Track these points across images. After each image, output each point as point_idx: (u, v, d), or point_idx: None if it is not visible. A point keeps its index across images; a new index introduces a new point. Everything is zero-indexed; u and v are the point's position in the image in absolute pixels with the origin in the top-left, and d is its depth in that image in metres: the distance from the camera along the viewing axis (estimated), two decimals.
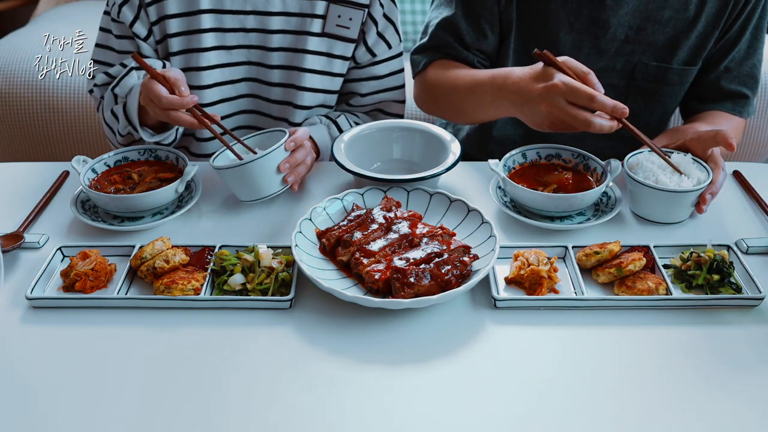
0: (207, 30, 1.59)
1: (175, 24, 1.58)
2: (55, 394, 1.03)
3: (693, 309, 1.17)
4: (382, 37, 1.66)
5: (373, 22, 1.64)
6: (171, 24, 1.58)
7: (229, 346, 1.11)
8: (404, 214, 1.30)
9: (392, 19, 1.67)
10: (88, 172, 1.41)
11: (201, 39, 1.59)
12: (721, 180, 1.36)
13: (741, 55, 1.63)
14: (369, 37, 1.65)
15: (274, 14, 1.60)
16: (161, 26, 1.59)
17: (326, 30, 1.62)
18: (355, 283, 1.21)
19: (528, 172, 1.45)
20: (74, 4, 3.17)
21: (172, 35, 1.59)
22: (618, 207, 1.37)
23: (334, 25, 1.62)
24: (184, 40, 1.59)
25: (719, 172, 1.36)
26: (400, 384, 1.05)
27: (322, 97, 1.68)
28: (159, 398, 1.02)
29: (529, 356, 1.09)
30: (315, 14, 1.61)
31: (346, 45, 1.64)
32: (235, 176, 1.37)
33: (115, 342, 1.12)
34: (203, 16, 1.58)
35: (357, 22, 1.62)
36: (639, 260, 1.20)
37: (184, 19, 1.58)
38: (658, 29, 1.58)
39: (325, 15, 1.61)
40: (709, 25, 1.59)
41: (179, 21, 1.58)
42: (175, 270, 1.21)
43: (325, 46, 1.64)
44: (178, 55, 1.60)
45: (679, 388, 1.04)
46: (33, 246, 1.31)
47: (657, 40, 1.59)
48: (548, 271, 1.19)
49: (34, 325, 1.15)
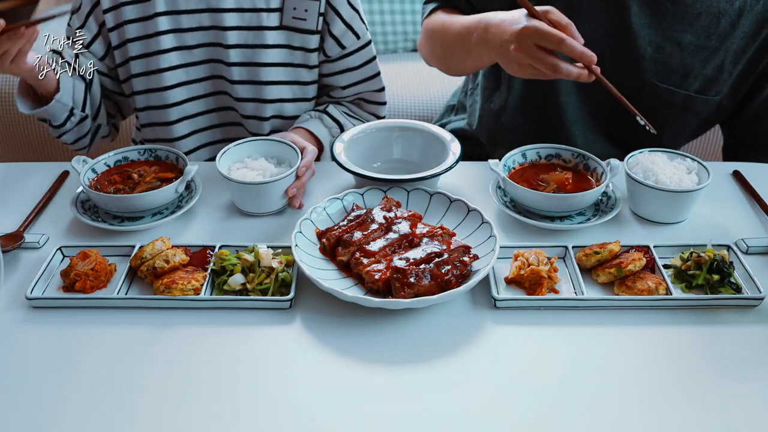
0: (165, 32, 1.60)
1: (132, 29, 1.60)
2: (55, 395, 1.03)
3: (693, 309, 1.17)
4: (349, 27, 1.66)
5: (335, 12, 1.64)
6: (129, 29, 1.60)
7: (229, 346, 1.12)
8: (404, 214, 1.31)
9: (356, 8, 1.67)
10: (88, 172, 1.41)
11: (159, 41, 1.61)
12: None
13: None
14: (335, 29, 1.65)
15: (227, 11, 1.61)
16: (119, 32, 1.61)
17: (284, 23, 1.63)
18: (355, 283, 1.22)
19: (528, 172, 1.45)
20: None
21: (131, 40, 1.61)
22: (618, 207, 1.38)
23: (291, 17, 1.63)
24: (142, 44, 1.61)
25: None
26: (400, 384, 1.05)
27: (289, 89, 1.68)
28: (159, 398, 1.03)
29: (529, 356, 1.10)
30: (270, 8, 1.62)
31: (305, 36, 1.64)
32: (242, 191, 1.38)
33: (115, 342, 1.12)
34: (159, 19, 1.60)
35: (313, 13, 1.62)
36: (639, 260, 1.21)
37: (141, 24, 1.60)
38: (675, 51, 1.56)
39: (281, 8, 1.62)
40: (728, 60, 1.57)
41: (137, 26, 1.60)
42: (175, 270, 1.21)
43: (284, 39, 1.64)
44: (138, 59, 1.62)
45: (680, 388, 1.04)
46: (33, 246, 1.31)
47: (672, 62, 1.57)
48: (548, 271, 1.20)
49: (34, 325, 1.15)
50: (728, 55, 1.57)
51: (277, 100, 1.68)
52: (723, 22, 1.53)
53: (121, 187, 1.40)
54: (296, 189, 1.40)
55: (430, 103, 2.69)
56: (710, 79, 1.59)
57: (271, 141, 1.47)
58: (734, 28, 1.54)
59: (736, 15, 1.53)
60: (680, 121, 1.64)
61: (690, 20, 1.53)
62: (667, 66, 1.58)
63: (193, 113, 1.69)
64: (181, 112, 1.68)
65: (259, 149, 1.46)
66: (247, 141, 1.46)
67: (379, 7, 2.82)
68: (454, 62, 1.66)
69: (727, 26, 1.54)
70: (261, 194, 1.38)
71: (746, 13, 1.53)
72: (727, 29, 1.54)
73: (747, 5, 1.53)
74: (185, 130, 1.70)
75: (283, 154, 1.45)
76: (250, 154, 1.45)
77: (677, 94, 1.60)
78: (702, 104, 1.63)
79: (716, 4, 1.52)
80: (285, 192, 1.39)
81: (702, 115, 1.66)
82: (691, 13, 1.52)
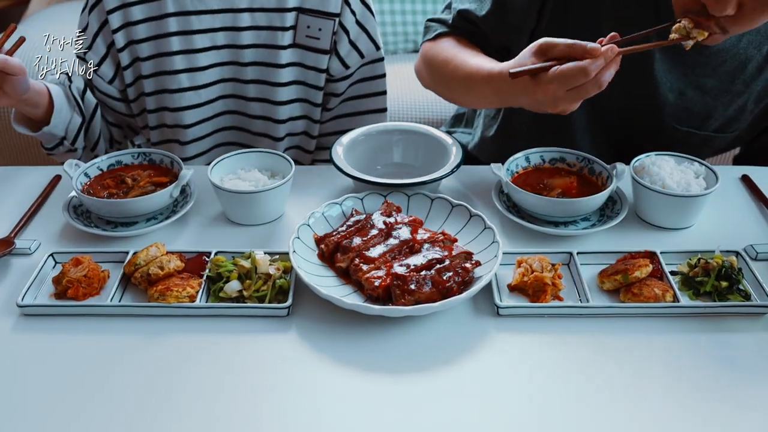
0: (176, 53, 1.61)
1: (144, 48, 1.61)
2: (47, 404, 1.03)
3: (701, 317, 1.17)
4: (354, 46, 1.66)
5: (344, 31, 1.64)
6: (140, 49, 1.61)
7: (226, 354, 1.12)
8: (405, 219, 1.31)
9: (366, 27, 1.66)
10: (81, 177, 1.41)
11: (172, 61, 1.62)
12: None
13: None
14: (341, 48, 1.66)
15: (243, 29, 1.62)
16: (130, 51, 1.62)
17: (297, 41, 1.64)
18: (354, 290, 1.22)
19: (531, 177, 1.45)
20: (66, 4, 3.17)
21: (144, 59, 1.62)
22: (624, 212, 1.38)
23: (304, 36, 1.63)
24: (153, 63, 1.62)
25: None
26: (400, 393, 1.05)
27: (299, 107, 1.70)
28: (153, 408, 1.03)
29: (533, 365, 1.10)
30: (284, 27, 1.62)
31: (318, 56, 1.65)
32: (233, 201, 1.38)
33: (109, 350, 1.12)
34: (172, 39, 1.61)
35: (327, 32, 1.63)
36: (645, 267, 1.21)
37: (153, 43, 1.61)
38: (697, 96, 1.55)
39: (295, 26, 1.62)
40: (752, 100, 1.57)
41: (148, 45, 1.61)
42: (169, 277, 1.21)
43: (297, 57, 1.65)
44: (150, 77, 1.63)
45: (687, 397, 1.04)
46: (24, 252, 1.32)
47: (694, 107, 1.56)
48: (552, 278, 1.20)
49: (25, 333, 1.15)
50: (752, 96, 1.57)
51: (286, 119, 1.70)
52: (750, 68, 1.52)
53: (115, 192, 1.40)
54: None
55: (430, 106, 2.70)
56: (731, 119, 1.59)
57: (264, 153, 1.47)
58: (761, 72, 1.53)
59: (763, 60, 1.51)
60: (695, 154, 1.65)
61: (714, 66, 1.51)
62: (688, 110, 1.57)
63: (202, 134, 1.72)
64: (194, 134, 1.70)
65: (253, 161, 1.46)
66: (239, 153, 1.46)
67: (379, 8, 2.83)
68: (458, 100, 1.64)
69: (753, 71, 1.52)
70: (252, 205, 1.37)
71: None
72: (754, 74, 1.53)
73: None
74: (197, 150, 1.73)
75: (276, 166, 1.45)
76: (243, 166, 1.45)
77: (696, 135, 1.60)
78: (720, 141, 1.64)
79: (744, 51, 1.50)
80: (279, 202, 1.39)
81: (718, 149, 1.68)
82: (716, 61, 1.51)
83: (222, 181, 1.39)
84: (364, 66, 1.71)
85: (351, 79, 1.72)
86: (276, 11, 1.61)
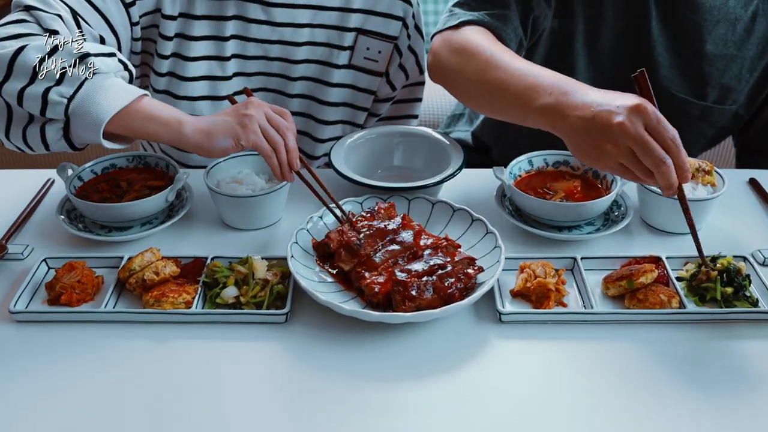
0: (229, 57, 1.59)
1: (199, 48, 1.58)
2: (40, 412, 1.03)
3: (708, 323, 1.18)
4: (402, 68, 1.68)
5: (398, 53, 1.65)
6: (192, 47, 1.56)
7: (222, 361, 1.12)
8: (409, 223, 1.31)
9: (416, 51, 1.67)
10: (74, 180, 1.41)
11: (223, 66, 1.60)
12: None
13: None
14: (391, 70, 1.66)
15: (300, 44, 1.61)
16: (178, 43, 1.58)
17: (353, 62, 1.63)
18: (353, 296, 1.22)
19: (535, 180, 1.45)
20: None
21: (192, 59, 1.58)
22: (629, 216, 1.38)
23: (362, 57, 1.63)
24: (204, 66, 1.59)
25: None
26: (400, 402, 1.05)
27: (341, 129, 1.70)
28: (149, 416, 1.03)
29: (536, 372, 1.10)
30: (342, 46, 1.62)
31: (372, 78, 1.66)
32: (229, 204, 1.38)
33: (103, 357, 1.12)
34: (227, 43, 1.58)
35: (385, 55, 1.63)
36: (651, 272, 1.21)
37: (210, 43, 1.58)
38: (693, 60, 1.59)
39: (353, 46, 1.62)
40: (745, 67, 1.61)
41: (201, 45, 1.57)
42: (165, 282, 1.22)
43: (351, 79, 1.65)
44: (196, 81, 1.60)
45: (694, 405, 1.04)
46: (16, 257, 1.32)
47: (690, 71, 1.60)
48: (556, 284, 1.20)
49: (17, 340, 1.15)
50: (745, 63, 1.61)
51: (329, 139, 1.69)
52: (738, 29, 1.57)
53: (109, 196, 1.41)
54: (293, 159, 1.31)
55: (433, 108, 2.70)
56: (727, 88, 1.63)
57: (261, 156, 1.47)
58: (749, 34, 1.58)
59: (749, 20, 1.57)
60: (695, 130, 1.67)
61: (709, 28, 1.56)
62: (684, 75, 1.61)
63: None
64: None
65: (249, 165, 1.47)
66: (236, 156, 1.46)
67: None
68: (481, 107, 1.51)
69: (742, 32, 1.58)
70: (250, 209, 1.38)
71: (759, 18, 1.58)
72: (743, 35, 1.58)
73: (760, 10, 1.57)
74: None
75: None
76: (240, 170, 1.45)
77: (694, 105, 1.63)
78: (718, 114, 1.66)
79: (732, 10, 1.55)
80: (276, 206, 1.39)
81: (717, 125, 1.69)
82: (711, 21, 1.55)
83: (219, 186, 1.40)
84: (405, 88, 1.73)
85: (393, 101, 1.74)
86: (336, 29, 1.61)
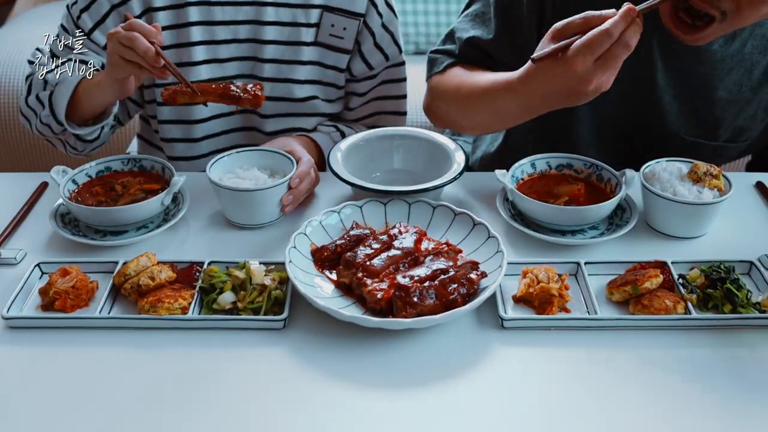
0: (197, 43, 1.61)
1: (165, 36, 1.58)
2: (34, 419, 1.03)
3: (713, 329, 1.17)
4: (378, 48, 1.69)
5: (369, 32, 1.66)
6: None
7: (219, 368, 1.12)
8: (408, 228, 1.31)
9: (391, 30, 1.69)
10: (69, 184, 1.41)
11: (191, 52, 1.61)
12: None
13: None
14: (364, 48, 1.68)
15: (267, 24, 1.62)
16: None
17: (319, 39, 1.65)
18: (353, 301, 1.22)
19: (537, 184, 1.45)
20: (52, 4, 3.19)
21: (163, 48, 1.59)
22: (633, 220, 1.38)
23: (327, 34, 1.65)
24: (173, 53, 1.61)
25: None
26: (401, 409, 1.05)
27: (314, 105, 1.70)
28: (144, 423, 1.03)
29: (538, 379, 1.10)
30: (308, 23, 1.64)
31: (339, 55, 1.67)
32: (232, 198, 1.39)
33: (97, 364, 1.12)
34: (192, 29, 1.60)
35: (351, 32, 1.65)
36: (656, 277, 1.21)
37: (173, 32, 1.60)
38: (704, 107, 1.56)
39: (319, 23, 1.64)
40: (761, 108, 1.58)
41: (167, 34, 1.59)
42: (161, 288, 1.21)
43: (317, 56, 1.66)
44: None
45: (699, 412, 1.04)
46: (9, 262, 1.32)
47: (701, 117, 1.57)
48: (559, 289, 1.20)
49: (10, 346, 1.15)
50: (761, 104, 1.58)
51: (302, 114, 1.70)
52: (755, 73, 1.53)
53: (104, 200, 1.41)
54: (292, 197, 1.40)
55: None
56: (741, 128, 1.61)
57: (264, 151, 1.48)
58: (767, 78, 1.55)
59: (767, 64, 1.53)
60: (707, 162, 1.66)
61: (721, 76, 1.53)
62: (695, 120, 1.58)
63: (217, 131, 1.71)
64: (207, 130, 1.70)
65: (252, 160, 1.47)
66: (239, 151, 1.47)
67: None
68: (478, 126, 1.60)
69: (759, 76, 1.54)
70: (252, 204, 1.38)
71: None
72: (760, 79, 1.54)
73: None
74: (209, 148, 1.72)
75: (276, 165, 1.46)
76: (242, 165, 1.46)
77: (707, 146, 1.61)
78: (732, 150, 1.65)
79: (749, 57, 1.51)
80: (280, 202, 1.39)
81: (730, 157, 1.69)
82: (722, 70, 1.52)
83: (221, 180, 1.40)
84: (387, 69, 1.74)
85: (375, 81, 1.74)
86: (301, 7, 1.63)
